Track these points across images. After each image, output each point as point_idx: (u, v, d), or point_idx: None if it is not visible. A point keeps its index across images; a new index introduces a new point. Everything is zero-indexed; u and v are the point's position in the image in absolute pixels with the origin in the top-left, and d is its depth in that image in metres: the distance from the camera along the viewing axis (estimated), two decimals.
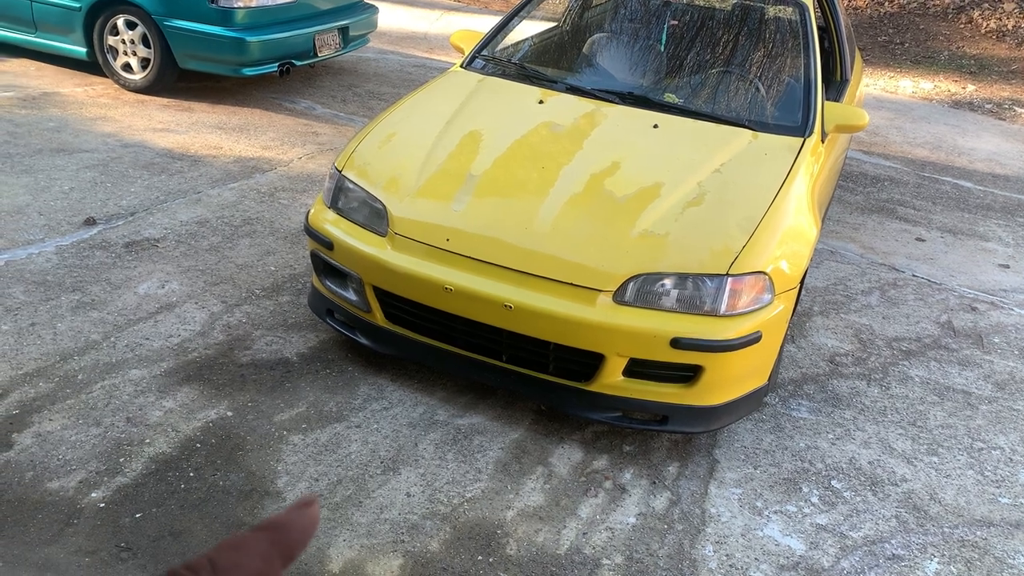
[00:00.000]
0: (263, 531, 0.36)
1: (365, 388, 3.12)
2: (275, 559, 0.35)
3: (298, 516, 0.37)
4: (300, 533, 0.37)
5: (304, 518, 0.37)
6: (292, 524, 0.37)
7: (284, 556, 0.36)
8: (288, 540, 0.36)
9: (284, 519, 0.37)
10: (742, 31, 4.18)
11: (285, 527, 0.37)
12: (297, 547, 0.37)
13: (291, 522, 0.37)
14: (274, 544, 0.36)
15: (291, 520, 0.37)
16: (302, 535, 0.37)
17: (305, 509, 0.38)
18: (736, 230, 2.84)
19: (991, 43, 10.41)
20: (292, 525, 0.37)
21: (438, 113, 3.46)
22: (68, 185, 4.48)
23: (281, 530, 0.36)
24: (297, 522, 0.37)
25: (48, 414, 2.81)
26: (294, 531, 0.37)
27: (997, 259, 4.93)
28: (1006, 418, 3.38)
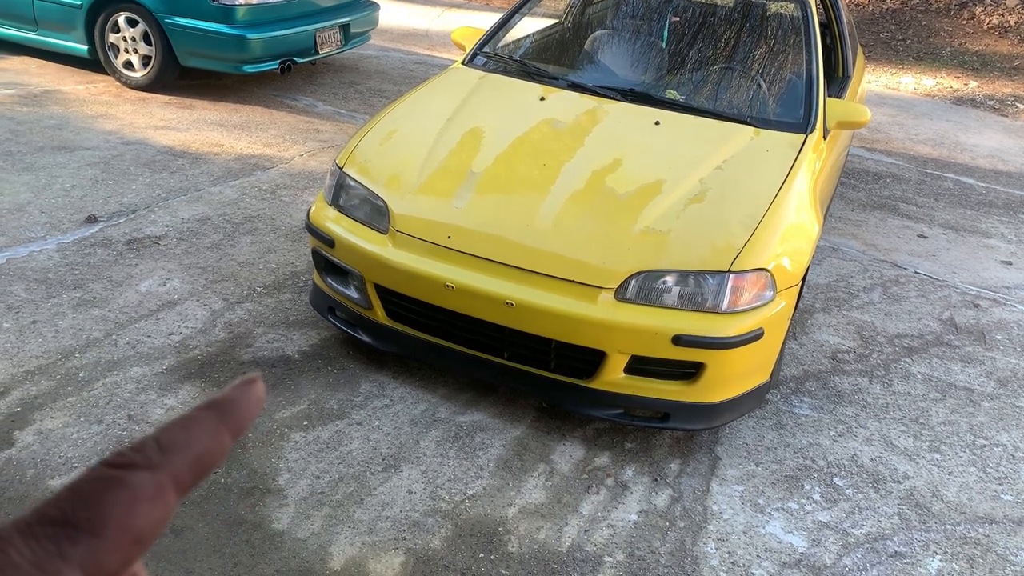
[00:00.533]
0: (209, 408, 0.36)
1: (366, 385, 3.12)
2: (223, 433, 0.35)
3: (243, 391, 0.37)
4: (247, 408, 0.36)
5: (249, 393, 0.37)
6: (238, 399, 0.36)
7: (232, 430, 0.35)
8: (236, 415, 0.36)
9: (229, 395, 0.36)
10: (744, 27, 4.17)
11: (232, 402, 0.36)
12: (245, 421, 0.36)
13: (237, 397, 0.36)
14: (221, 419, 0.35)
15: (237, 395, 0.36)
16: (249, 410, 0.36)
17: (250, 386, 0.37)
18: (738, 227, 2.84)
19: (993, 39, 10.39)
20: (238, 400, 0.36)
21: (439, 110, 3.45)
22: (69, 183, 4.48)
23: (228, 405, 0.36)
24: (243, 397, 0.37)
25: (50, 411, 2.81)
26: (241, 405, 0.36)
27: (999, 256, 4.92)
28: (1008, 415, 3.38)
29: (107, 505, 0.31)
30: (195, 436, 0.34)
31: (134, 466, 0.32)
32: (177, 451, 0.33)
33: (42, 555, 0.29)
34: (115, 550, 0.31)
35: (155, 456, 0.33)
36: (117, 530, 0.31)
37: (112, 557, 0.31)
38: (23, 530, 0.30)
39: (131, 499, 0.31)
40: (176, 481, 0.33)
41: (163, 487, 0.33)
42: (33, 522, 0.30)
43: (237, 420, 0.36)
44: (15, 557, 0.29)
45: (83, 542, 0.30)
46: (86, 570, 0.30)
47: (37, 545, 0.29)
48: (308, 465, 2.71)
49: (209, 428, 0.35)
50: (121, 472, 0.32)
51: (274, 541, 2.41)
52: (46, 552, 0.29)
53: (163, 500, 0.33)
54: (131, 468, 0.32)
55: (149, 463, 0.33)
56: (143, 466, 0.32)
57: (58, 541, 0.30)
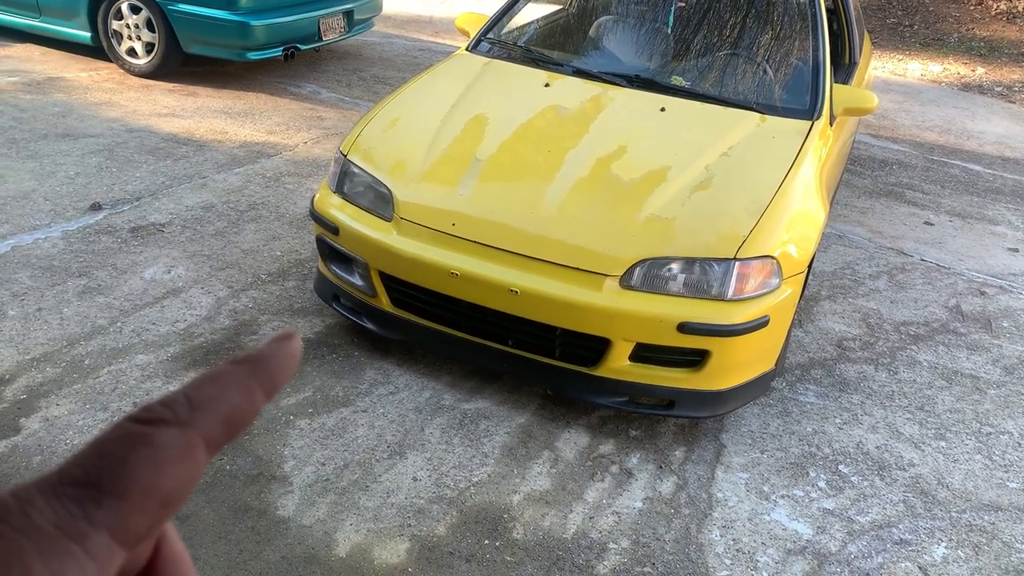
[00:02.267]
0: (242, 363, 0.34)
1: (371, 373, 3.12)
2: (256, 391, 0.33)
3: (279, 348, 0.35)
4: (282, 364, 0.34)
5: (285, 350, 0.35)
6: (273, 355, 0.34)
7: (265, 388, 0.34)
8: (269, 371, 0.34)
9: (264, 351, 0.35)
10: (750, 13, 4.14)
11: (266, 358, 0.34)
12: (279, 378, 0.34)
13: (272, 354, 0.34)
14: (254, 376, 0.33)
15: (272, 352, 0.35)
16: (284, 366, 0.35)
17: (286, 342, 0.35)
18: (743, 214, 2.82)
19: (1001, 25, 10.32)
20: (273, 356, 0.34)
21: (443, 97, 3.44)
22: (73, 170, 4.48)
23: (262, 362, 0.34)
24: (278, 354, 0.35)
25: (55, 399, 2.81)
26: (275, 362, 0.34)
27: (1006, 243, 4.90)
28: (1015, 402, 3.37)
29: (132, 464, 0.29)
30: (227, 392, 0.32)
31: (162, 422, 0.31)
32: (208, 407, 0.32)
33: (65, 517, 0.28)
34: (141, 512, 0.29)
35: (184, 412, 0.31)
36: (143, 491, 0.29)
37: (139, 519, 0.29)
38: (45, 491, 0.28)
39: (158, 458, 0.30)
40: (206, 439, 0.31)
41: (192, 445, 0.31)
42: (56, 482, 0.28)
43: (271, 377, 0.34)
44: (37, 519, 0.27)
45: (108, 504, 0.28)
46: (113, 533, 0.28)
47: (60, 506, 0.28)
48: (313, 452, 2.71)
49: (242, 384, 0.33)
50: (148, 428, 0.30)
51: (279, 528, 2.42)
52: (70, 514, 0.28)
53: (192, 459, 0.31)
54: (158, 424, 0.30)
55: (178, 419, 0.31)
56: (171, 422, 0.31)
57: (82, 502, 0.28)
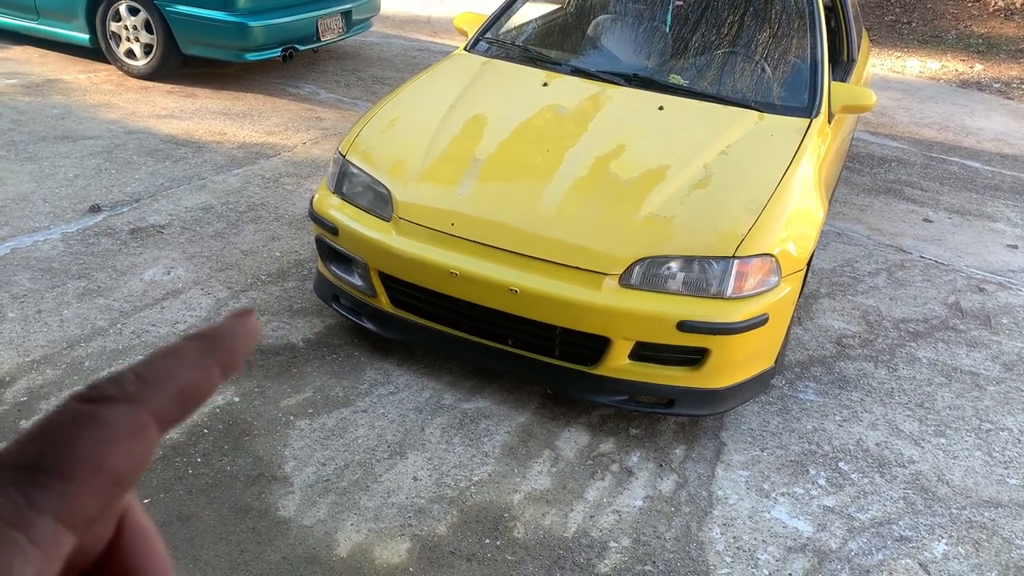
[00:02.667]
0: (198, 339, 0.32)
1: (371, 373, 3.13)
2: (213, 367, 0.32)
3: (237, 323, 0.33)
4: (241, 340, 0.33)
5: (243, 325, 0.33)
6: (231, 331, 0.33)
7: (223, 364, 0.32)
8: (227, 347, 0.32)
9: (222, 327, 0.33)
10: (748, 11, 4.14)
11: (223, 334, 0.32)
12: (238, 354, 0.32)
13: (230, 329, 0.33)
14: (210, 351, 0.32)
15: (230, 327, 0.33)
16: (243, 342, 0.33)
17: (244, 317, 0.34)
18: (742, 212, 2.83)
19: (999, 22, 10.32)
20: (231, 332, 0.33)
21: (442, 97, 3.44)
22: (72, 172, 4.48)
23: (219, 337, 0.32)
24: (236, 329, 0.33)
25: (56, 401, 2.81)
26: (233, 338, 0.32)
27: (1005, 239, 4.90)
28: (1014, 399, 3.37)
29: (78, 444, 0.28)
30: (181, 368, 0.31)
31: (109, 399, 0.29)
32: (159, 384, 0.30)
33: (8, 508, 0.26)
34: (90, 493, 0.28)
35: (133, 388, 0.30)
36: (91, 471, 0.28)
37: (88, 501, 0.28)
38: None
39: (106, 436, 0.28)
40: (158, 416, 0.30)
41: (143, 423, 0.29)
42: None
43: (229, 353, 0.32)
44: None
45: (54, 487, 0.27)
46: (59, 518, 0.27)
47: (2, 496, 0.26)
48: (314, 453, 2.71)
49: (197, 360, 0.31)
50: (94, 407, 0.29)
51: (280, 528, 2.42)
52: (12, 504, 0.26)
53: (142, 437, 0.29)
54: (106, 402, 0.29)
55: (127, 396, 0.29)
56: (120, 399, 0.29)
57: (25, 489, 0.27)
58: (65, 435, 0.28)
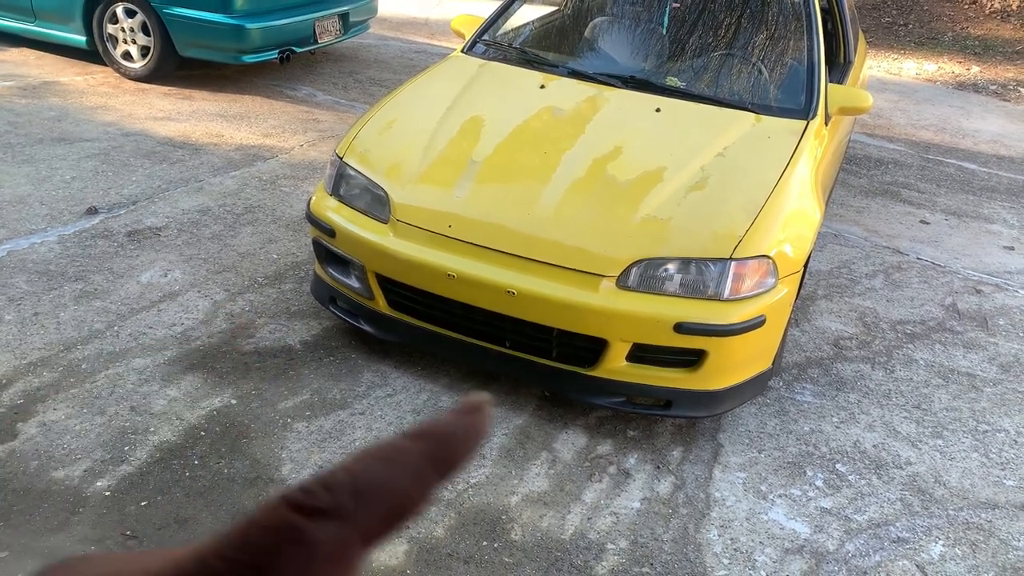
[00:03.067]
0: (418, 439, 0.29)
1: (369, 375, 3.12)
2: (430, 477, 0.29)
3: (463, 422, 0.30)
4: (463, 445, 0.29)
5: (471, 425, 0.30)
6: (456, 432, 0.29)
7: (440, 473, 0.29)
8: (448, 454, 0.29)
9: (446, 427, 0.29)
10: (745, 13, 4.15)
11: (447, 436, 0.29)
12: (457, 462, 0.29)
13: (454, 431, 0.29)
14: (430, 457, 0.29)
15: (454, 428, 0.30)
16: (465, 447, 0.29)
17: (473, 416, 0.30)
18: (739, 214, 2.83)
19: (995, 23, 10.34)
20: (455, 434, 0.29)
21: (439, 99, 3.44)
22: (69, 174, 4.47)
23: (442, 441, 0.29)
24: (461, 431, 0.30)
25: (52, 403, 2.81)
26: (457, 441, 0.29)
27: (1002, 241, 4.91)
28: (1011, 400, 3.38)
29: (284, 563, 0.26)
30: (397, 478, 0.28)
31: (320, 514, 0.27)
32: (374, 497, 0.28)
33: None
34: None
35: (347, 502, 0.27)
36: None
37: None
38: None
39: (313, 557, 0.26)
40: (366, 533, 0.28)
41: (349, 544, 0.27)
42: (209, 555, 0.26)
43: (450, 459, 0.29)
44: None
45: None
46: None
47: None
48: (311, 455, 2.71)
49: (415, 468, 0.28)
50: (303, 522, 0.27)
51: None
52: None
53: (346, 561, 0.27)
54: (317, 517, 0.27)
55: (338, 510, 0.27)
56: (331, 514, 0.27)
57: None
58: (270, 550, 0.27)
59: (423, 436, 0.29)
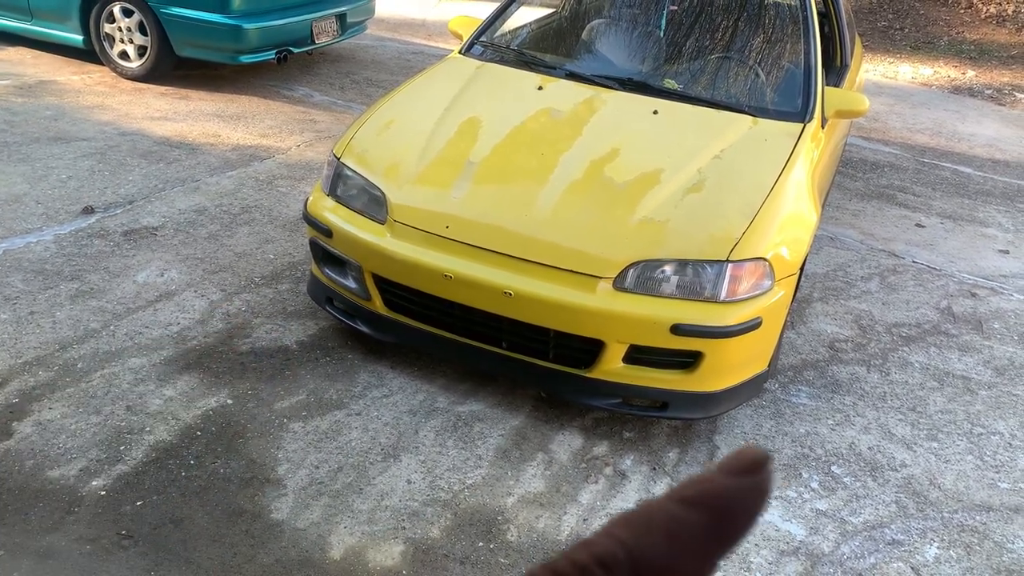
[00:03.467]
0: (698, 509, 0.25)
1: (365, 376, 3.12)
2: (713, 555, 0.25)
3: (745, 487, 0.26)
4: (747, 515, 0.25)
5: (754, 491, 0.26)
6: (737, 501, 0.26)
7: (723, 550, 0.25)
8: (731, 527, 0.25)
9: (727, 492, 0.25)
10: (742, 16, 4.16)
11: (729, 506, 0.25)
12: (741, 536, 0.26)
13: (737, 497, 0.26)
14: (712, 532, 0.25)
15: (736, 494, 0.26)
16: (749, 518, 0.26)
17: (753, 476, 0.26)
18: (736, 216, 2.84)
19: (991, 28, 10.38)
20: (737, 502, 0.26)
21: (437, 100, 3.44)
22: (66, 174, 4.47)
23: (724, 511, 0.25)
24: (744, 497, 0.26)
25: (48, 403, 2.81)
26: (739, 512, 0.25)
27: (997, 245, 4.93)
28: (1006, 403, 3.39)
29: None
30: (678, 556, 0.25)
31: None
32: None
33: None
34: None
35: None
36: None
37: None
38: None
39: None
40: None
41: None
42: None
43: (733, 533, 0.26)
44: None
45: None
46: None
47: None
48: (307, 455, 2.71)
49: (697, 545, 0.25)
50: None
51: (273, 531, 2.42)
52: None
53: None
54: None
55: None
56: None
57: None
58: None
59: (704, 505, 0.26)
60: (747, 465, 0.26)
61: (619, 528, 0.25)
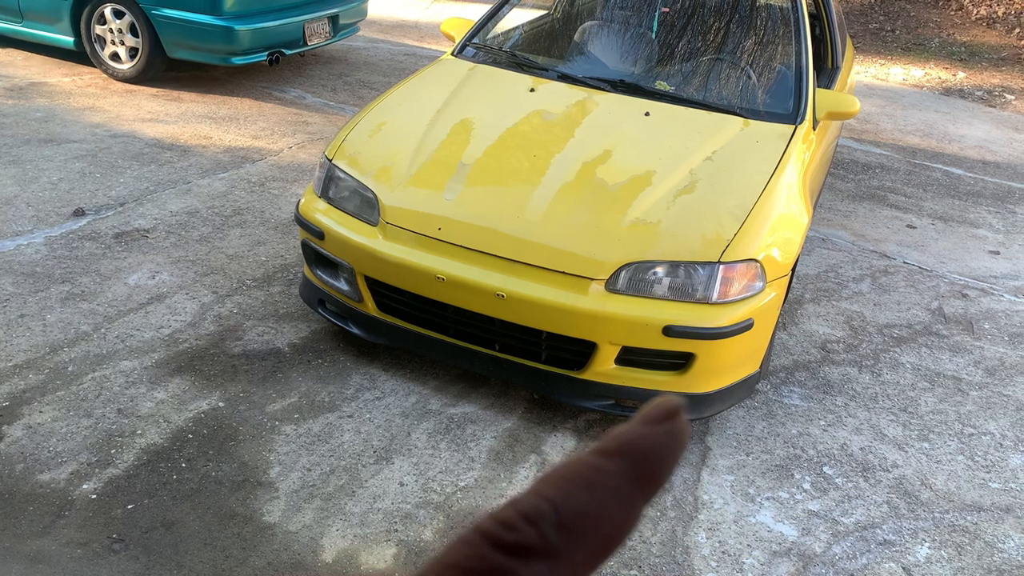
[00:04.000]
0: (615, 457, 0.26)
1: (357, 378, 3.12)
2: (636, 499, 0.26)
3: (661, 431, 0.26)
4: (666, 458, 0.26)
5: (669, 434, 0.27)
6: (655, 445, 0.26)
7: (646, 494, 0.26)
8: (651, 470, 0.26)
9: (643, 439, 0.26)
10: (733, 18, 4.17)
11: (647, 451, 0.26)
12: (663, 479, 0.26)
13: (654, 443, 0.26)
14: (633, 478, 0.26)
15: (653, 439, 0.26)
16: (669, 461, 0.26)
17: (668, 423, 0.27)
18: (728, 218, 2.84)
19: (981, 30, 10.42)
20: (655, 447, 0.26)
21: (429, 102, 3.44)
22: (56, 176, 4.45)
23: (642, 457, 0.26)
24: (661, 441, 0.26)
25: (38, 406, 2.79)
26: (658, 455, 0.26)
27: (987, 245, 4.95)
28: (996, 403, 3.40)
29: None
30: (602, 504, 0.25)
31: (527, 551, 0.24)
32: (580, 530, 0.25)
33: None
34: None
35: (553, 536, 0.25)
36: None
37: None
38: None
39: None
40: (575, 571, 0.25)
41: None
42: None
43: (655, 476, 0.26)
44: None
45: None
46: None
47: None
48: (299, 458, 2.70)
49: (619, 491, 0.26)
50: (511, 563, 0.24)
51: (265, 534, 2.41)
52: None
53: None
54: (523, 555, 0.24)
55: (547, 547, 0.24)
56: (539, 552, 0.24)
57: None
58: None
59: (621, 452, 0.26)
60: (663, 413, 0.27)
61: (543, 484, 0.26)
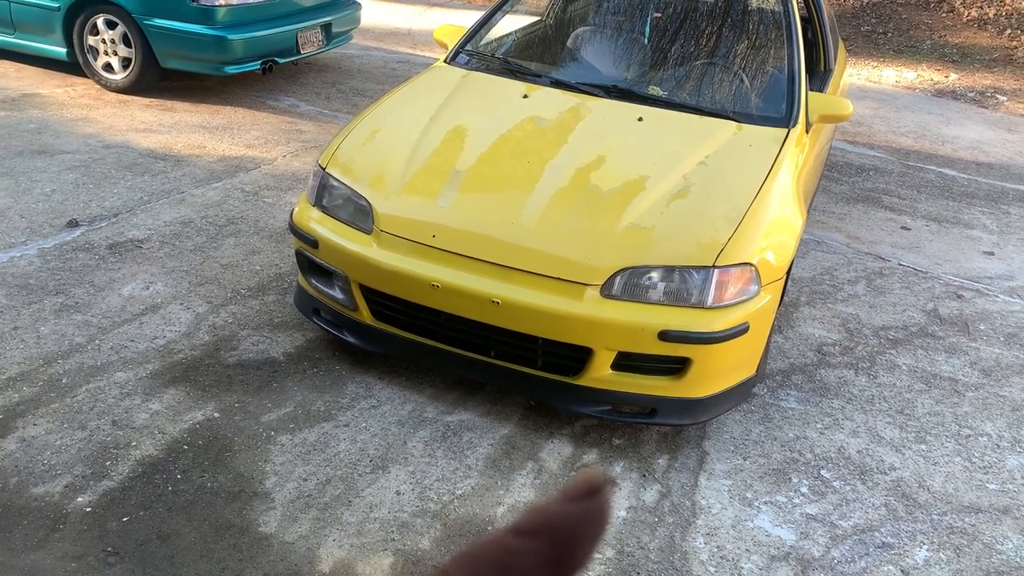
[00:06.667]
0: (532, 538, 0.25)
1: (353, 387, 3.11)
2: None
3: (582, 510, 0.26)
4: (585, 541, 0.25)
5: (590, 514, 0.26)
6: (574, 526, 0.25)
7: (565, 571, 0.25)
8: (569, 554, 0.25)
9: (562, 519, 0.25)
10: (726, 23, 4.18)
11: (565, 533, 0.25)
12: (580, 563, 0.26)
13: (573, 523, 0.26)
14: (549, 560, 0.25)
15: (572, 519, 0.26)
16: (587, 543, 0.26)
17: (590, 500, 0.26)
18: (722, 222, 2.84)
19: (973, 32, 10.46)
20: (574, 528, 0.25)
21: (422, 109, 3.44)
22: (50, 187, 4.44)
23: (559, 539, 0.25)
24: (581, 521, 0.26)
25: (32, 418, 2.78)
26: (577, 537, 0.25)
27: (982, 246, 4.96)
28: (993, 404, 3.40)
29: None
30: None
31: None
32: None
33: None
34: None
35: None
36: None
37: None
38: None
39: None
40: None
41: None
42: None
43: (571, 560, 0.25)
44: None
45: None
46: None
47: None
48: (295, 468, 2.69)
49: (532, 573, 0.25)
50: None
51: (262, 545, 2.40)
52: None
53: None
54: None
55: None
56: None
57: None
58: None
59: (538, 533, 0.25)
60: (586, 490, 0.26)
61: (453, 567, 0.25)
